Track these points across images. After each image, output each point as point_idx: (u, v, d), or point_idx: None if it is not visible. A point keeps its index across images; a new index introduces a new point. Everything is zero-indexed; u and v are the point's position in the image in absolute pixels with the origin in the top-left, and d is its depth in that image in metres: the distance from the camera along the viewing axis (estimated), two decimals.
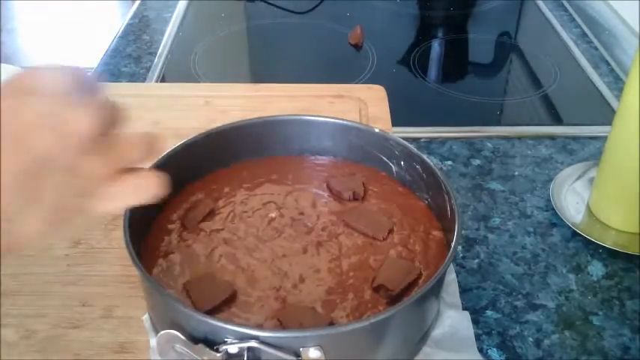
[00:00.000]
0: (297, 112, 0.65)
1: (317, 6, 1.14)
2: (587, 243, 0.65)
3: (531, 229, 0.67)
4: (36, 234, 0.37)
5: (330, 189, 0.60)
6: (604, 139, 0.66)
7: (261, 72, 1.01)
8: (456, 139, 0.80)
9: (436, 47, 1.08)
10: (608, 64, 0.98)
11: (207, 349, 0.43)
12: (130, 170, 0.39)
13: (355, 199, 0.59)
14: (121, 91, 0.81)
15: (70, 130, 0.36)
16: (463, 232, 0.66)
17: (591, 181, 0.70)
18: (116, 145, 0.39)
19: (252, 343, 0.42)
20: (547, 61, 1.00)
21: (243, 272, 0.52)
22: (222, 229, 0.56)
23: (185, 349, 0.44)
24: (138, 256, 0.47)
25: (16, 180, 0.35)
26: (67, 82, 0.37)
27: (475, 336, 0.53)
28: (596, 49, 1.02)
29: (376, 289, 0.50)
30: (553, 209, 0.68)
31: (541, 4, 1.17)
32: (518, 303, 0.59)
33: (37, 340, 0.52)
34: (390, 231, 0.56)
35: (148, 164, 0.42)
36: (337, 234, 0.56)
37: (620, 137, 0.63)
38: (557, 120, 0.89)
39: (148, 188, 0.40)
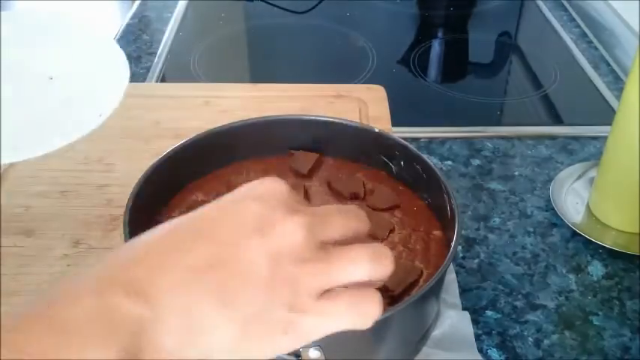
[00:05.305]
0: (297, 112, 0.64)
1: (316, 6, 1.14)
2: (587, 243, 0.65)
3: (531, 229, 0.67)
4: (229, 345, 0.32)
5: (330, 189, 0.60)
6: (604, 139, 0.66)
7: (261, 72, 1.01)
8: (455, 139, 0.80)
9: (436, 47, 1.07)
10: (608, 64, 0.98)
11: None
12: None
13: (356, 198, 0.59)
14: None
15: (279, 240, 0.32)
16: (463, 232, 0.66)
17: (591, 181, 0.70)
18: (339, 257, 0.34)
19: None
20: (547, 61, 1.00)
21: None
22: None
23: None
24: None
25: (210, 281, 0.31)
26: (289, 195, 0.35)
27: (475, 336, 0.53)
28: (596, 49, 1.02)
29: (377, 290, 0.50)
30: (553, 209, 0.68)
31: (541, 4, 1.17)
32: (518, 303, 0.59)
33: None
34: (391, 231, 0.56)
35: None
36: None
37: (620, 137, 0.63)
38: (557, 120, 0.89)
39: (366, 310, 0.34)
